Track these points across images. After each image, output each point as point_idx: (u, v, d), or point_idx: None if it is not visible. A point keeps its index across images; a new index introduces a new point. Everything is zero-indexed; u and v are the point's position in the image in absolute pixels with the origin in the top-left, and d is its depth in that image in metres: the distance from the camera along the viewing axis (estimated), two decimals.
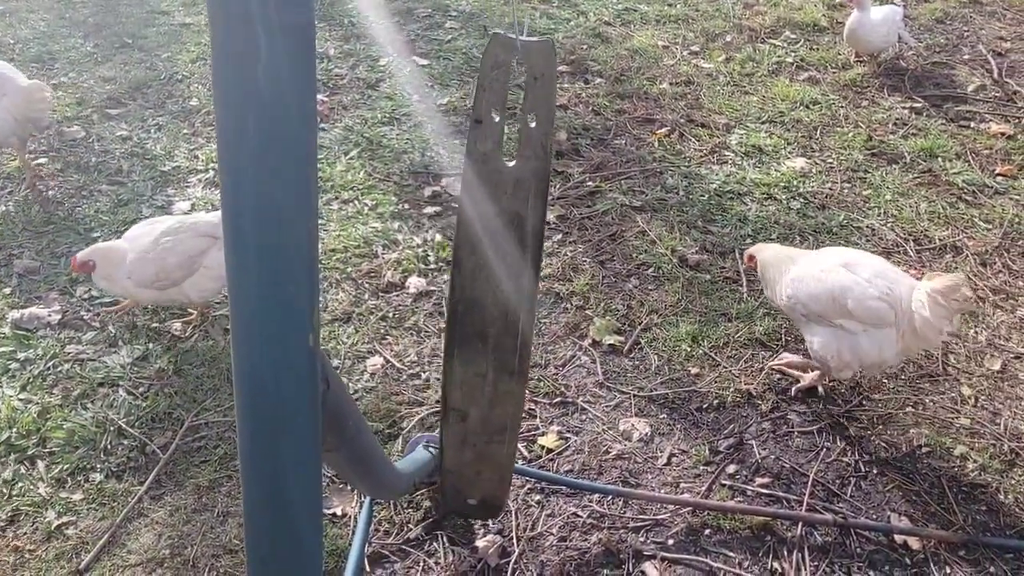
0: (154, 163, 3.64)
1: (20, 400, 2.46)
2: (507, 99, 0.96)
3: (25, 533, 2.10)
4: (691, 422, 2.45)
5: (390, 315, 2.83)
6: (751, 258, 2.62)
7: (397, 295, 2.93)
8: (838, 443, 2.37)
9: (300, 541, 0.71)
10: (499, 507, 1.43)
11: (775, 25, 5.01)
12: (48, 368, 2.58)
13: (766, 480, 2.26)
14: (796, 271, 2.38)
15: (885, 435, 2.40)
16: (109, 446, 2.33)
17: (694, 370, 2.63)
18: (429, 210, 3.38)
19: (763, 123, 4.00)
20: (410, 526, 2.13)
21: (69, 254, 2.91)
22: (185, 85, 4.27)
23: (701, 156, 3.76)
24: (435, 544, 2.09)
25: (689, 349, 2.70)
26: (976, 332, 2.77)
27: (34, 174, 3.46)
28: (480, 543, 2.08)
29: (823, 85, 4.35)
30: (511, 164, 1.01)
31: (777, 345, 2.71)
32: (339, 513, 2.17)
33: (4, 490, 2.20)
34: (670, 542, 2.09)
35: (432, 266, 3.05)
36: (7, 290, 2.90)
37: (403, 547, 2.08)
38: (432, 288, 2.95)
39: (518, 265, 1.06)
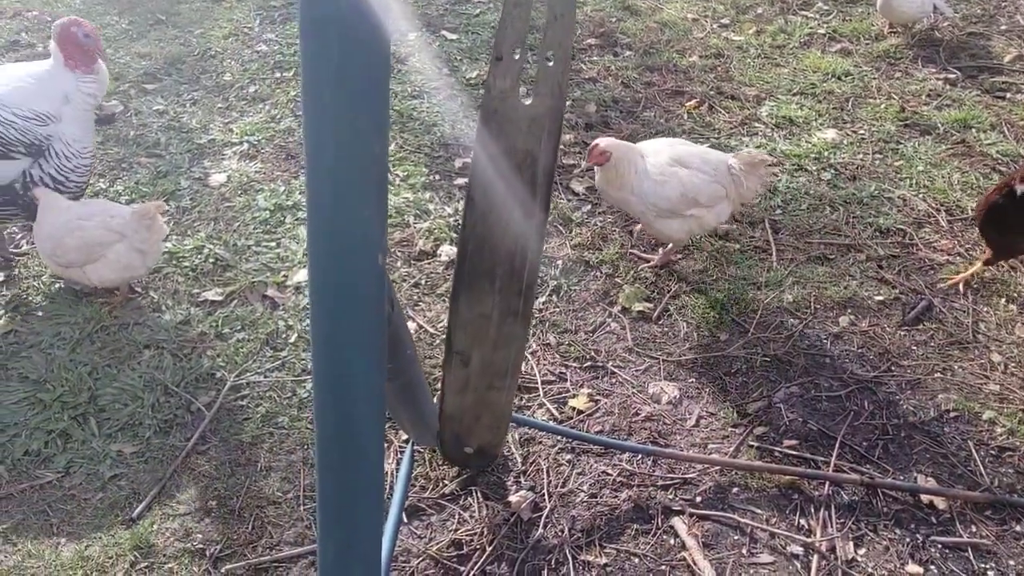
0: (190, 136, 3.72)
1: (71, 361, 2.57)
2: (527, 38, 0.98)
3: (80, 483, 2.21)
4: (719, 386, 2.49)
5: (422, 282, 2.89)
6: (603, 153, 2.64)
7: (429, 263, 2.99)
8: (866, 407, 2.39)
9: (366, 449, 0.77)
10: (494, 456, 1.43)
11: None
12: (96, 331, 2.69)
13: (794, 442, 2.29)
14: (637, 182, 2.66)
15: (913, 400, 2.42)
16: (157, 403, 2.43)
17: (723, 336, 2.66)
18: (459, 181, 3.42)
19: (794, 95, 3.98)
20: (445, 482, 2.20)
21: None
22: (218, 60, 4.34)
23: (731, 128, 3.75)
24: (470, 499, 2.16)
25: (718, 316, 2.72)
26: (1007, 301, 2.76)
27: None
28: (513, 498, 2.14)
29: (856, 56, 4.31)
30: (527, 102, 1.04)
31: (806, 313, 2.73)
32: None
33: (60, 442, 2.31)
34: (698, 499, 2.14)
35: None
36: None
37: (439, 501, 2.15)
38: None
39: (528, 204, 1.08)
